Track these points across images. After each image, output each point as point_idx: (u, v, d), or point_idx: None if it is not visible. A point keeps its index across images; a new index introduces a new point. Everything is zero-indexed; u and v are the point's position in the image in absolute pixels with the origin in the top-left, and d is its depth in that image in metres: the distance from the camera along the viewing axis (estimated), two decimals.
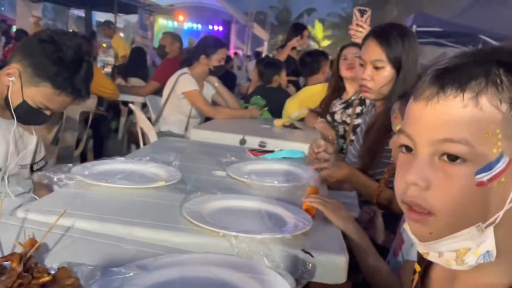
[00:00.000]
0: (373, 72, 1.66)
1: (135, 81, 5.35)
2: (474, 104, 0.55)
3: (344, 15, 35.26)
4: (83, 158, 3.62)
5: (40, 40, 1.37)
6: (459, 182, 0.55)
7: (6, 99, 1.41)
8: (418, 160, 0.58)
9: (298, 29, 4.74)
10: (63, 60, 1.36)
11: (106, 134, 4.37)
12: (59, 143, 3.00)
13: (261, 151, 2.07)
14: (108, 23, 8.97)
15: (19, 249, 0.81)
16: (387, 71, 1.66)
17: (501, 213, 0.55)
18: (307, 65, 3.71)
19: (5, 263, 0.70)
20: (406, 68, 1.64)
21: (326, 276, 1.03)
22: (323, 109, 3.04)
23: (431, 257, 0.60)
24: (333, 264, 1.03)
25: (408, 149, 0.60)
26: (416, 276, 0.73)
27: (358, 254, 1.19)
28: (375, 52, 1.66)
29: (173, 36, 5.01)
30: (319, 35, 36.32)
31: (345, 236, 1.19)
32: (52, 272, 0.72)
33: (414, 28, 6.74)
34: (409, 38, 1.66)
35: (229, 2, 18.98)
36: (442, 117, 0.56)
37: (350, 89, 2.93)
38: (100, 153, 3.92)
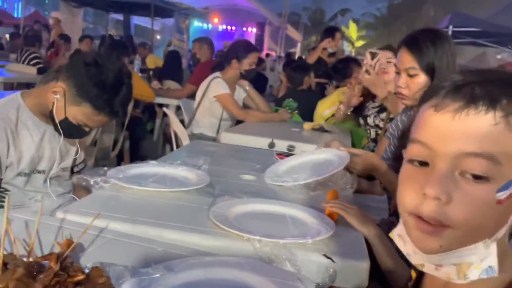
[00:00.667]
0: (408, 80, 1.68)
1: (170, 84, 5.49)
2: (506, 123, 0.55)
3: (378, 15, 34.71)
4: (120, 159, 3.75)
5: (85, 63, 1.47)
6: (481, 199, 0.55)
7: (51, 112, 1.52)
8: (439, 174, 0.57)
9: (330, 31, 4.75)
10: (104, 83, 1.46)
11: (142, 136, 4.50)
12: (97, 145, 3.12)
13: (288, 155, 2.10)
14: (143, 44, 9.22)
15: (57, 249, 0.88)
16: (421, 78, 1.67)
17: (504, 229, 0.57)
18: (339, 71, 3.75)
19: (44, 262, 0.76)
20: (440, 73, 1.64)
21: (348, 281, 1.05)
22: (355, 111, 3.04)
23: (427, 269, 0.61)
24: (354, 269, 1.05)
25: (422, 163, 0.60)
26: (411, 283, 0.73)
27: (380, 258, 1.20)
28: (407, 60, 1.68)
29: (200, 41, 5.10)
30: (353, 36, 35.89)
31: (367, 240, 1.20)
32: (86, 271, 0.78)
33: (450, 28, 6.58)
34: (442, 42, 1.65)
35: (263, 3, 19.06)
36: (472, 130, 0.55)
37: (381, 93, 2.91)
38: (136, 154, 4.04)
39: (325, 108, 3.50)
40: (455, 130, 0.56)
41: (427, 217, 0.57)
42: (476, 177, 0.55)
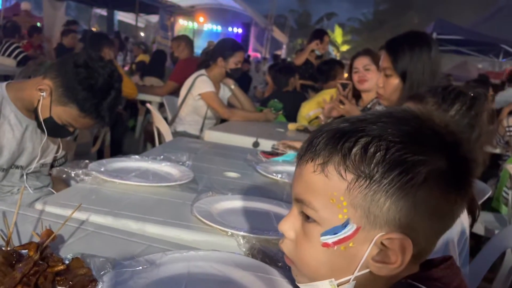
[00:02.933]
0: (384, 80, 1.74)
1: (152, 80, 5.45)
2: (321, 170, 0.59)
3: (364, 20, 35.10)
4: (100, 155, 3.70)
5: (75, 64, 1.43)
6: (312, 241, 0.61)
7: (35, 110, 1.48)
8: (290, 214, 0.66)
9: (319, 34, 4.78)
10: (93, 87, 1.42)
11: (123, 132, 4.45)
12: (77, 140, 3.07)
13: (272, 154, 2.10)
14: (139, 44, 9.17)
15: (36, 239, 0.85)
16: (395, 80, 1.72)
17: (352, 277, 0.60)
18: (323, 73, 3.80)
19: (23, 251, 0.74)
20: (412, 78, 1.67)
21: None
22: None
23: None
24: None
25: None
26: None
27: None
28: (385, 61, 1.74)
29: (178, 39, 5.07)
30: (338, 40, 36.20)
31: None
32: (66, 262, 0.76)
33: (434, 35, 6.68)
34: (420, 48, 1.68)
35: (249, 4, 19.06)
36: (299, 178, 0.62)
37: (366, 97, 2.94)
38: (116, 151, 3.98)
39: (309, 110, 3.51)
40: (295, 173, 0.65)
41: (280, 248, 0.68)
42: (307, 218, 0.61)
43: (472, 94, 1.23)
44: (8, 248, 0.75)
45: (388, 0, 35.02)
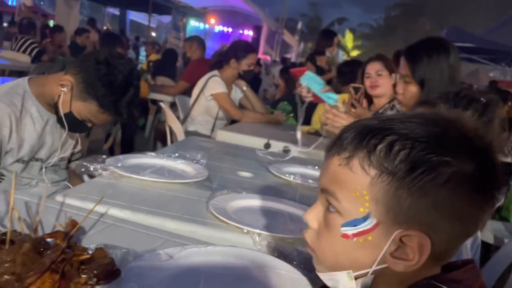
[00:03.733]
0: (404, 87, 1.75)
1: (163, 80, 5.48)
2: (346, 163, 0.61)
3: (375, 26, 35.02)
4: (111, 153, 3.73)
5: (97, 61, 1.46)
6: (332, 230, 0.63)
7: (56, 104, 1.51)
8: (316, 204, 0.68)
9: (329, 36, 4.68)
10: (112, 83, 1.45)
11: (133, 131, 4.49)
12: (90, 136, 3.11)
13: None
14: (153, 43, 9.24)
15: (59, 229, 0.88)
16: (413, 87, 1.74)
17: (370, 270, 0.61)
18: (345, 74, 3.72)
19: (49, 240, 0.76)
20: (430, 84, 1.69)
21: None
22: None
23: None
24: None
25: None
26: None
27: None
28: (404, 68, 1.76)
29: (190, 40, 5.06)
30: (349, 45, 36.17)
31: None
32: (90, 252, 0.78)
33: None
34: (438, 55, 1.69)
35: (261, 7, 19.12)
36: (326, 169, 0.65)
37: (377, 102, 2.95)
38: (127, 149, 4.02)
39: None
40: (322, 165, 0.67)
41: (303, 236, 0.70)
42: (331, 211, 0.63)
43: (484, 101, 1.23)
44: (36, 236, 0.77)
45: (400, 6, 34.97)
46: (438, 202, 0.57)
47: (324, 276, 0.67)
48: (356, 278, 0.62)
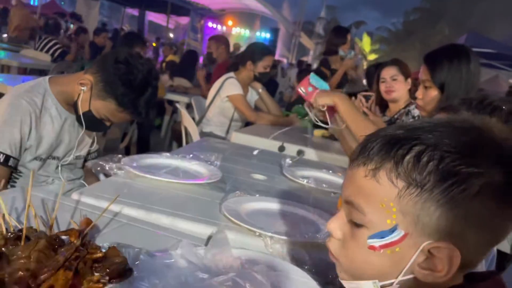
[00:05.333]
0: (424, 92, 1.76)
1: (181, 81, 5.52)
2: (373, 175, 0.60)
3: (393, 30, 34.73)
4: (127, 152, 3.77)
5: (116, 60, 1.48)
6: (358, 242, 0.62)
7: (75, 103, 1.53)
8: (340, 214, 0.67)
9: (342, 32, 4.37)
10: (131, 83, 1.47)
11: (149, 131, 4.53)
12: (106, 135, 3.14)
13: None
14: (171, 44, 9.33)
15: (74, 227, 0.89)
16: (434, 92, 1.74)
17: (396, 281, 0.61)
18: (371, 76, 3.67)
19: (64, 237, 0.77)
20: (449, 90, 1.69)
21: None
22: None
23: None
24: None
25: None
26: None
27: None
28: (424, 73, 1.77)
29: (217, 40, 4.99)
30: (366, 49, 35.95)
31: None
32: (103, 250, 0.79)
33: None
34: (459, 60, 1.69)
35: (278, 10, 19.12)
36: (350, 180, 0.64)
37: (393, 107, 2.92)
38: (143, 148, 4.06)
39: None
40: (346, 176, 0.66)
41: (326, 245, 0.70)
42: (356, 223, 0.63)
43: (506, 109, 1.21)
44: (51, 234, 0.78)
45: (419, 10, 34.64)
46: (468, 213, 0.56)
47: (348, 285, 0.67)
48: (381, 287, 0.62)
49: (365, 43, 36.15)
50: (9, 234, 0.73)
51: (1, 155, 1.42)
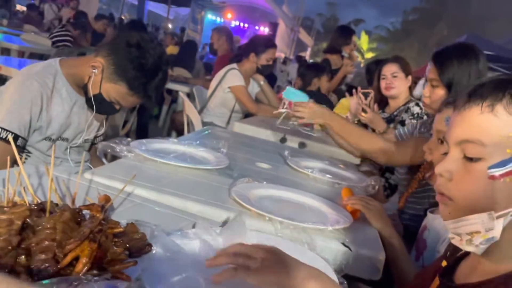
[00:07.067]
0: (431, 90, 1.76)
1: (181, 71, 5.51)
2: (490, 110, 0.66)
3: (391, 29, 34.75)
4: None
5: (128, 44, 1.48)
6: (475, 175, 0.67)
7: (85, 86, 1.53)
8: (447, 157, 0.71)
9: (347, 33, 4.44)
10: (143, 66, 1.47)
11: (147, 119, 4.52)
12: (108, 120, 3.14)
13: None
14: (173, 34, 9.25)
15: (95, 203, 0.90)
16: (441, 90, 1.74)
17: None
18: (372, 73, 3.68)
19: (84, 212, 0.79)
20: (457, 89, 1.69)
21: (362, 271, 1.08)
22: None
23: (455, 241, 0.70)
24: (370, 260, 1.08)
25: (446, 154, 0.73)
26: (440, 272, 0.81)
27: (392, 257, 1.23)
28: (432, 72, 1.76)
29: (219, 30, 4.88)
30: (364, 47, 35.97)
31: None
32: (122, 226, 0.81)
33: None
34: (469, 60, 1.69)
35: (278, 5, 19.06)
36: (463, 121, 0.69)
37: (393, 104, 2.94)
38: (141, 136, 4.04)
39: (344, 113, 3.49)
40: (454, 122, 0.71)
41: (436, 189, 0.73)
42: (472, 159, 0.67)
43: None
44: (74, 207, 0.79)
45: (418, 10, 34.69)
46: None
47: (457, 223, 0.68)
48: (497, 218, 0.65)
49: (363, 41, 36.17)
50: (33, 205, 0.75)
51: (11, 134, 1.42)
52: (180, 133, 3.78)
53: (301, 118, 1.84)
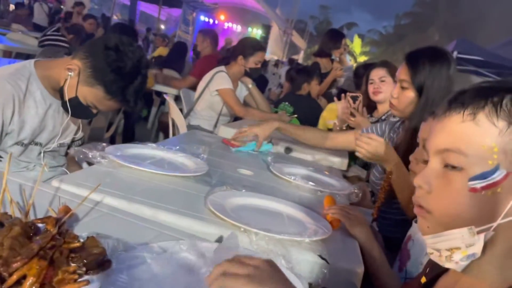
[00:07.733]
0: (400, 91, 1.73)
1: (170, 73, 5.45)
2: (471, 119, 0.62)
3: (384, 33, 34.98)
4: (112, 142, 3.71)
5: (106, 46, 1.43)
6: (455, 187, 0.63)
7: (61, 89, 1.48)
8: (427, 168, 0.68)
9: (337, 36, 4.37)
10: (121, 70, 1.42)
11: (135, 121, 4.46)
12: (91, 123, 3.08)
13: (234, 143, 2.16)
14: (163, 36, 9.19)
15: (52, 215, 0.85)
16: (410, 93, 1.72)
17: (495, 224, 0.60)
18: (360, 77, 3.65)
19: (40, 225, 0.74)
20: (428, 93, 1.66)
21: (340, 284, 1.04)
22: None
23: (434, 256, 0.66)
24: (347, 273, 1.04)
25: (426, 162, 0.70)
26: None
27: (373, 270, 1.19)
28: (403, 73, 1.72)
29: (204, 33, 4.82)
30: (357, 50, 36.13)
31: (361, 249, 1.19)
32: (82, 240, 0.76)
33: (455, 54, 6.61)
34: (441, 64, 1.66)
35: (271, 7, 19.07)
36: (444, 130, 0.66)
37: (381, 108, 2.92)
38: (128, 139, 3.99)
39: (332, 117, 3.47)
40: (434, 131, 0.68)
41: (414, 201, 0.69)
42: (451, 167, 0.64)
43: None
44: (27, 221, 0.74)
45: (410, 15, 34.89)
46: None
47: (436, 239, 0.65)
48: (478, 233, 0.61)
49: (356, 44, 36.33)
50: None
51: None
52: (167, 135, 3.73)
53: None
